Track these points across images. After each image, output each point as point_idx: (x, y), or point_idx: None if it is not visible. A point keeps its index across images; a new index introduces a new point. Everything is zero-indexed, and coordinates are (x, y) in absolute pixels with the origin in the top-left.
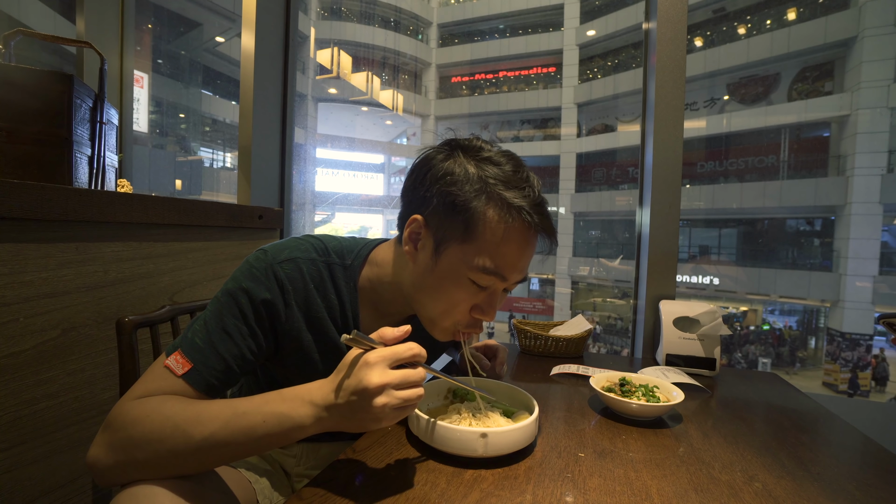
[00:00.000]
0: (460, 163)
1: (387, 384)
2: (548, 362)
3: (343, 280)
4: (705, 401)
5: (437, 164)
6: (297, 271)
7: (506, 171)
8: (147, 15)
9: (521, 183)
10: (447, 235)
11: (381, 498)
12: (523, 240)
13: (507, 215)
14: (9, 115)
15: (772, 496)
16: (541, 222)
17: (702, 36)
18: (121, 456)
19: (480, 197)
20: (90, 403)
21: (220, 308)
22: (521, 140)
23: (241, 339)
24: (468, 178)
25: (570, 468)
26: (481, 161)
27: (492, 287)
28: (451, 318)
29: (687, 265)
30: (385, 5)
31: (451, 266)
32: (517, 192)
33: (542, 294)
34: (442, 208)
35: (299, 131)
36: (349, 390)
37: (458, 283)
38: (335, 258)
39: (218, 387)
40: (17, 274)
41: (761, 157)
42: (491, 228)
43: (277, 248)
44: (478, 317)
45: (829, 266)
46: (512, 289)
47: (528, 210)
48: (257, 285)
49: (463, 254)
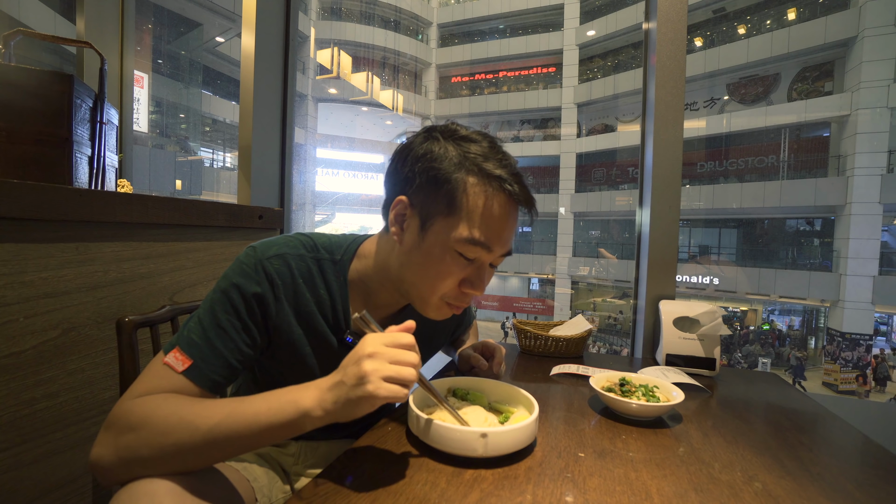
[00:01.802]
0: (440, 143)
1: (379, 352)
2: (548, 362)
3: (333, 274)
4: (705, 401)
5: (417, 146)
6: (286, 266)
7: (483, 146)
8: (147, 15)
9: (498, 155)
10: (432, 211)
11: (381, 498)
12: (504, 209)
13: (487, 186)
14: (9, 115)
15: (772, 496)
16: (521, 192)
17: (702, 36)
18: (125, 454)
19: (461, 170)
20: (90, 403)
21: (212, 305)
22: (521, 140)
23: (235, 333)
24: (448, 155)
25: (570, 468)
26: (459, 139)
27: (479, 259)
28: (440, 292)
29: (687, 265)
30: (385, 5)
31: (437, 240)
32: (495, 164)
33: (542, 294)
34: (425, 185)
35: (299, 131)
36: (347, 364)
37: (445, 257)
38: (324, 254)
39: (219, 382)
40: (17, 274)
41: (761, 157)
42: (473, 199)
43: (266, 244)
44: (467, 290)
45: (829, 266)
46: (498, 263)
47: (507, 179)
48: (247, 280)
49: (448, 227)
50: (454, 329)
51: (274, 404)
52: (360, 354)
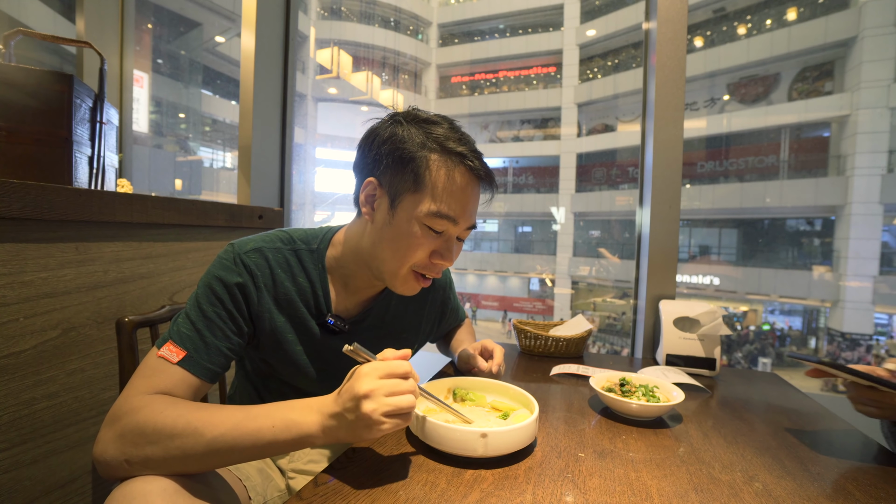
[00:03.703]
0: (403, 126)
1: (375, 391)
2: (548, 362)
3: (311, 263)
4: (705, 401)
5: (382, 131)
6: (263, 259)
7: (444, 128)
8: (147, 15)
9: (458, 135)
10: (399, 189)
11: (381, 498)
12: (466, 182)
13: (449, 161)
14: (9, 115)
15: (772, 496)
16: (481, 166)
17: (702, 36)
18: (130, 450)
19: (424, 149)
20: (90, 403)
21: (197, 299)
22: (521, 140)
23: (222, 323)
24: (411, 136)
25: (570, 468)
26: (421, 122)
27: (447, 232)
28: (411, 262)
29: (687, 265)
30: (385, 5)
31: (406, 216)
32: (456, 142)
33: (542, 294)
34: (391, 165)
35: (299, 131)
36: (345, 398)
37: (415, 231)
38: (301, 245)
39: (215, 371)
40: (17, 274)
41: (761, 157)
42: (437, 174)
43: (244, 240)
44: (437, 262)
45: (829, 266)
46: (465, 236)
47: (467, 155)
48: (228, 273)
49: (415, 202)
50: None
51: (278, 423)
52: (356, 394)
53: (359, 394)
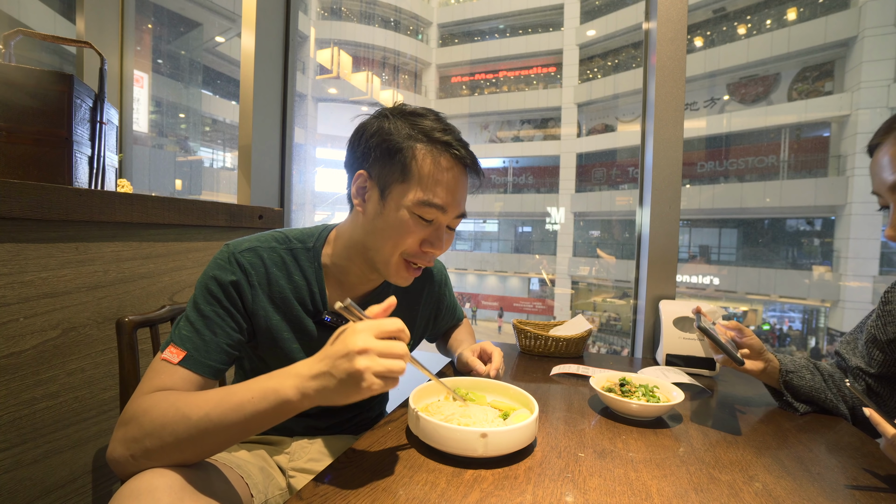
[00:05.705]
0: (390, 120)
1: (370, 349)
2: (548, 362)
3: (307, 261)
4: (705, 401)
5: (370, 126)
6: (258, 258)
7: (430, 119)
8: (147, 15)
9: (443, 125)
10: (389, 180)
11: (381, 498)
12: (453, 171)
13: (435, 150)
14: (9, 115)
15: (772, 496)
16: (466, 154)
17: (702, 36)
18: (133, 447)
19: (411, 139)
20: (90, 403)
21: (195, 300)
22: (521, 140)
23: (220, 320)
24: (399, 129)
25: (570, 468)
26: (407, 115)
27: (436, 220)
28: (401, 249)
29: (687, 265)
30: (385, 5)
31: (396, 206)
32: (442, 133)
33: (542, 294)
34: (380, 157)
35: (299, 131)
36: (335, 356)
37: (404, 220)
38: (297, 244)
39: (217, 367)
40: (17, 274)
41: (761, 157)
42: (424, 163)
43: (239, 241)
44: (428, 250)
45: (829, 266)
46: (455, 225)
47: (453, 144)
48: (223, 272)
49: (405, 192)
50: (434, 315)
51: (257, 393)
52: (351, 349)
53: (354, 349)
